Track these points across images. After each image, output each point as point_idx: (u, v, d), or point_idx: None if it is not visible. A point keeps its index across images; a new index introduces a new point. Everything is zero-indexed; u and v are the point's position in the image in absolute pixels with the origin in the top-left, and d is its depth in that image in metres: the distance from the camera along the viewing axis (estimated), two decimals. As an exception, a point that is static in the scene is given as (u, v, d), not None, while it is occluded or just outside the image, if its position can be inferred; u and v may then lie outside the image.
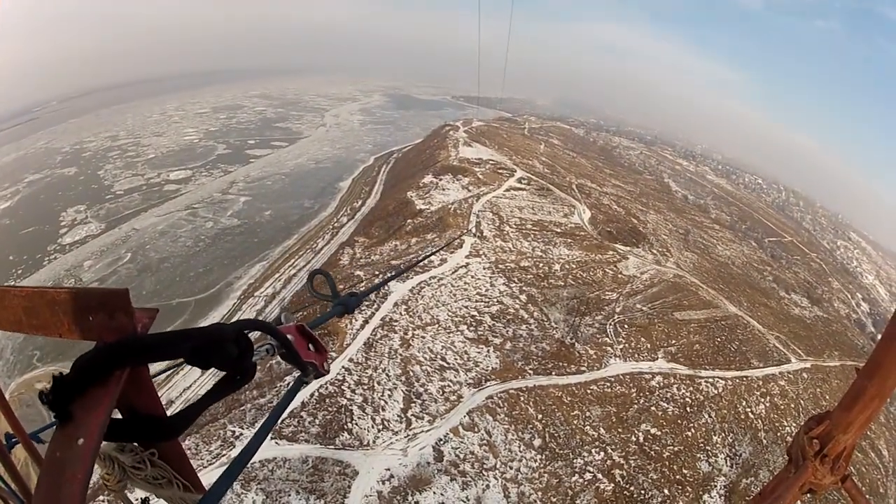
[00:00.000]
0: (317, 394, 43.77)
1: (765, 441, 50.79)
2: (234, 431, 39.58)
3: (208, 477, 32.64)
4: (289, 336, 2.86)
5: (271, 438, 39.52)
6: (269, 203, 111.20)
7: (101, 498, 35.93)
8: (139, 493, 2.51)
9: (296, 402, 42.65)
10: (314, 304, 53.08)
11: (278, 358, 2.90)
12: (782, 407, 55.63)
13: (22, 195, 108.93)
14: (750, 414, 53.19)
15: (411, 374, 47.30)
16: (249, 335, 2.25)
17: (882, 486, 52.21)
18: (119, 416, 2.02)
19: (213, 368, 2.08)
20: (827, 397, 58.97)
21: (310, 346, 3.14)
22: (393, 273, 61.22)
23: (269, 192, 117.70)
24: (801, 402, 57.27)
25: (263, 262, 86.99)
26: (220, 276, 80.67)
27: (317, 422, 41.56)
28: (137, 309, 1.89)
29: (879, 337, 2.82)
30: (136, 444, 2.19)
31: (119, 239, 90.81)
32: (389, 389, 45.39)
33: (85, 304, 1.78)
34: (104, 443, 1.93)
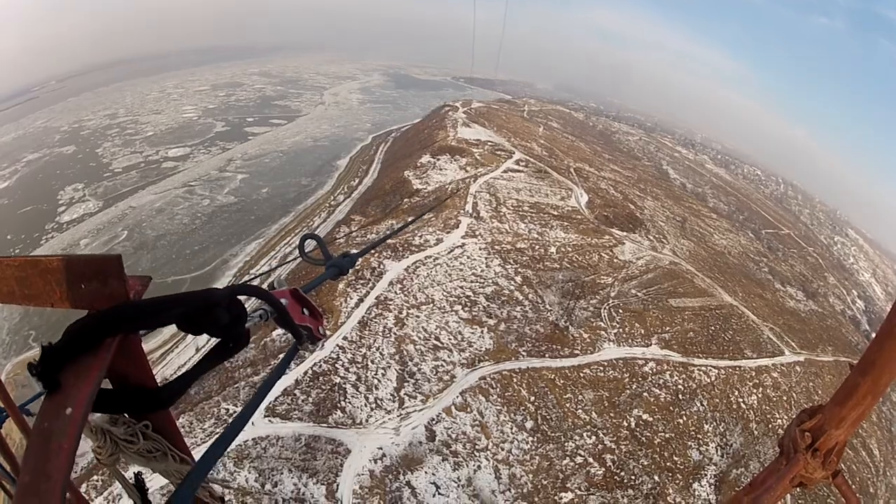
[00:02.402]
0: (310, 371, 43.72)
1: (756, 432, 50.90)
2: (227, 409, 39.46)
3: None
4: (283, 301, 2.77)
5: (264, 416, 39.58)
6: (267, 181, 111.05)
7: (94, 477, 35.82)
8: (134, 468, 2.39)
9: (289, 380, 42.68)
10: (310, 274, 52.64)
11: (273, 323, 2.77)
12: (774, 399, 55.71)
13: (20, 174, 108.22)
14: (742, 404, 53.25)
15: (405, 353, 47.19)
16: (243, 301, 2.16)
17: (872, 486, 52.40)
18: (111, 387, 1.95)
19: (206, 337, 2.00)
20: (819, 392, 59.02)
21: (304, 310, 3.05)
22: (389, 233, 59.91)
23: (267, 170, 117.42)
24: (794, 395, 57.33)
25: (259, 239, 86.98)
26: (216, 254, 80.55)
27: (310, 400, 41.49)
28: (130, 276, 1.84)
29: (874, 335, 2.78)
30: (128, 416, 2.11)
31: (116, 217, 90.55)
32: (383, 368, 45.32)
33: (77, 272, 1.73)
34: (97, 415, 1.99)
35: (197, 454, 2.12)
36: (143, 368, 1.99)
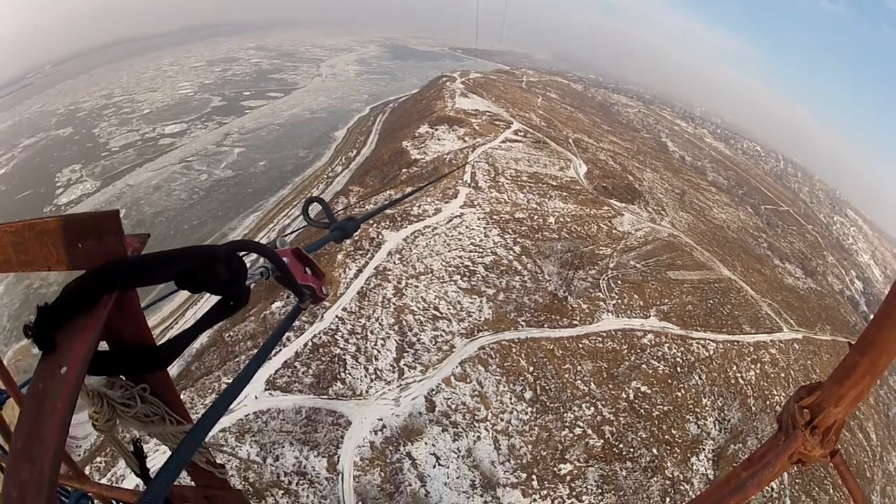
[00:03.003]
0: (310, 343, 43.54)
1: (754, 408, 51.02)
2: (228, 384, 39.21)
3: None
4: (284, 259, 2.79)
5: (265, 389, 39.41)
6: (264, 154, 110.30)
7: (98, 459, 35.60)
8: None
9: (289, 352, 42.48)
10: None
11: (275, 286, 2.93)
12: (772, 375, 55.75)
13: (17, 160, 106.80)
14: (740, 379, 53.31)
15: (404, 323, 46.97)
16: (243, 258, 2.13)
17: (869, 471, 52.57)
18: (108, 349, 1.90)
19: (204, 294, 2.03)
20: (817, 370, 59.08)
21: (306, 269, 3.10)
22: (395, 198, 60.34)
23: (264, 143, 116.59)
24: (792, 372, 57.41)
25: (258, 212, 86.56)
26: (215, 228, 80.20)
27: (310, 372, 41.34)
28: (128, 235, 1.84)
29: (873, 316, 2.55)
30: (125, 379, 2.05)
31: (114, 196, 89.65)
32: (382, 339, 45.14)
33: (74, 231, 1.72)
34: (93, 378, 1.96)
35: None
36: (141, 327, 1.92)
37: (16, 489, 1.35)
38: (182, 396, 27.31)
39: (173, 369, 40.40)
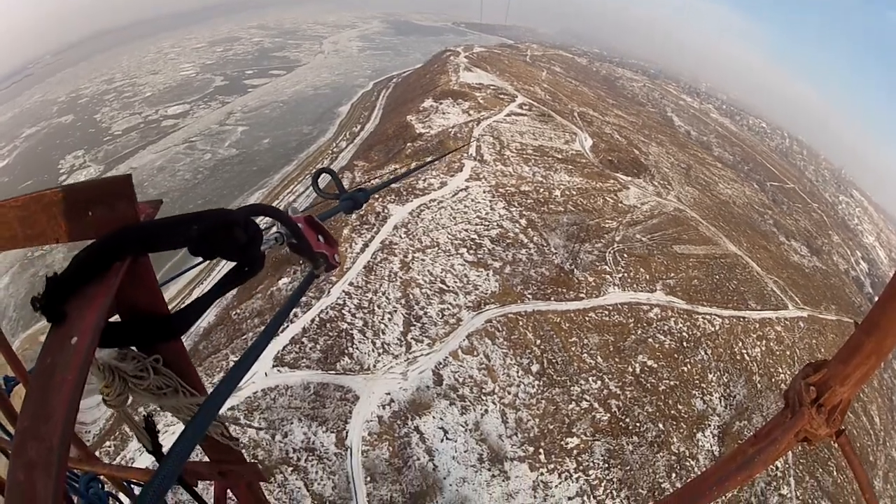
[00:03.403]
0: (317, 319, 43.49)
1: (759, 385, 50.95)
2: (244, 352, 39.19)
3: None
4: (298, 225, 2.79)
5: (273, 366, 39.45)
6: (268, 131, 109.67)
7: (107, 443, 35.55)
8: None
9: (297, 328, 42.50)
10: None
11: (288, 254, 2.96)
12: (778, 353, 55.63)
13: (19, 150, 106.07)
14: (746, 356, 53.20)
15: (411, 297, 46.88)
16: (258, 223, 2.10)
17: (872, 455, 52.55)
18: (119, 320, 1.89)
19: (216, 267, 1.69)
20: (822, 350, 58.93)
21: (319, 237, 3.08)
22: (401, 174, 60.06)
23: (268, 121, 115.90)
24: (797, 350, 57.23)
25: (263, 189, 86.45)
26: (220, 207, 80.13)
27: (318, 347, 41.32)
28: (141, 202, 1.82)
29: (878, 297, 2.64)
30: (137, 350, 2.01)
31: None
32: (389, 313, 45.07)
33: (83, 199, 1.69)
34: (105, 351, 1.92)
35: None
36: (155, 295, 1.89)
37: (22, 470, 1.28)
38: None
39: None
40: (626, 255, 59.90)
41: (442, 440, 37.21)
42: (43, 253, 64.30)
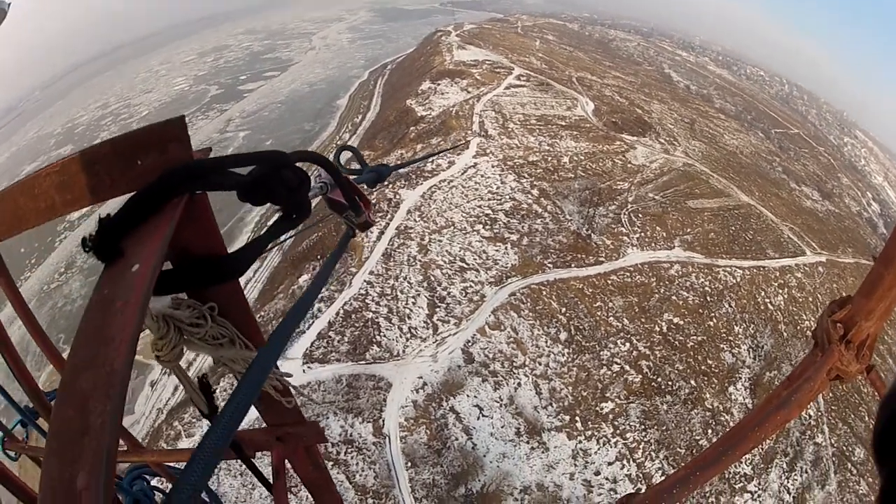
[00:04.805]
0: (342, 311, 43.42)
1: (785, 334, 50.93)
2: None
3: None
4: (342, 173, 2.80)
5: (303, 363, 39.27)
6: (269, 133, 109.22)
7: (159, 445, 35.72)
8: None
9: (322, 323, 42.51)
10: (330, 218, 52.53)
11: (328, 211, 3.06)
12: (800, 300, 55.65)
13: None
14: (769, 305, 53.19)
15: (432, 278, 46.82)
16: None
17: None
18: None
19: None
20: (843, 293, 57.86)
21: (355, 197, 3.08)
22: (421, 157, 62.29)
23: (268, 123, 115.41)
24: (819, 296, 57.21)
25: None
26: (230, 214, 79.31)
27: (345, 339, 41.28)
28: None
29: (893, 230, 2.66)
30: (193, 300, 1.99)
31: (124, 199, 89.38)
32: (413, 297, 44.99)
33: (132, 148, 1.62)
34: (158, 302, 1.85)
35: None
36: (212, 233, 1.86)
37: (72, 404, 1.16)
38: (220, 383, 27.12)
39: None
40: (640, 215, 59.73)
41: (478, 418, 37.26)
42: (59, 284, 64.51)
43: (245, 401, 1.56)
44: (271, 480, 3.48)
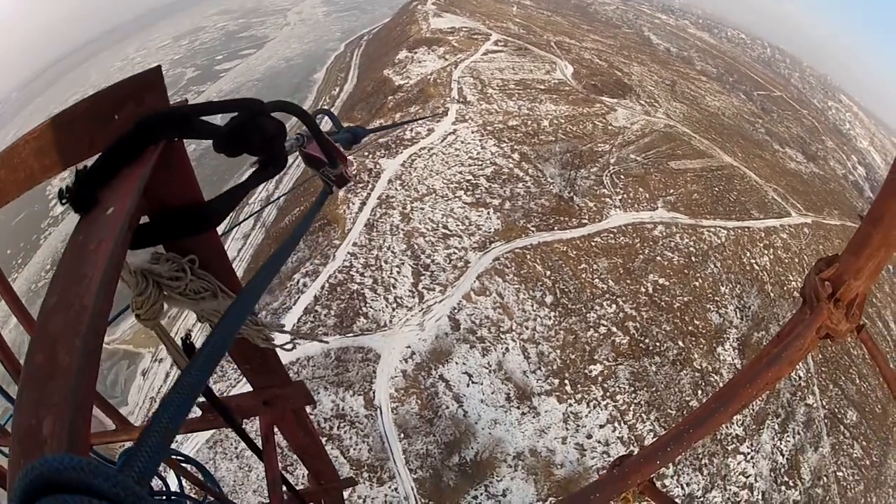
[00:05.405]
0: (327, 285, 43.18)
1: (772, 294, 51.29)
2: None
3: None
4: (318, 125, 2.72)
5: (290, 340, 38.67)
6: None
7: None
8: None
9: (308, 297, 42.31)
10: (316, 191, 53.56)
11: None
12: (786, 261, 56.02)
13: None
14: (755, 265, 53.54)
15: (416, 247, 46.57)
16: None
17: (892, 363, 52.38)
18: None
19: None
20: (830, 255, 58.68)
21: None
22: (399, 122, 62.57)
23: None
24: (805, 257, 57.62)
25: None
26: (211, 194, 78.97)
27: (332, 313, 41.05)
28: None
29: (881, 189, 2.65)
30: (172, 254, 1.92)
31: None
32: (397, 266, 44.78)
33: (108, 103, 1.59)
34: (136, 257, 1.79)
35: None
36: (189, 181, 1.79)
37: (42, 350, 1.09)
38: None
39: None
40: (622, 177, 59.66)
41: (468, 385, 37.23)
42: (47, 282, 63.86)
43: (218, 347, 1.37)
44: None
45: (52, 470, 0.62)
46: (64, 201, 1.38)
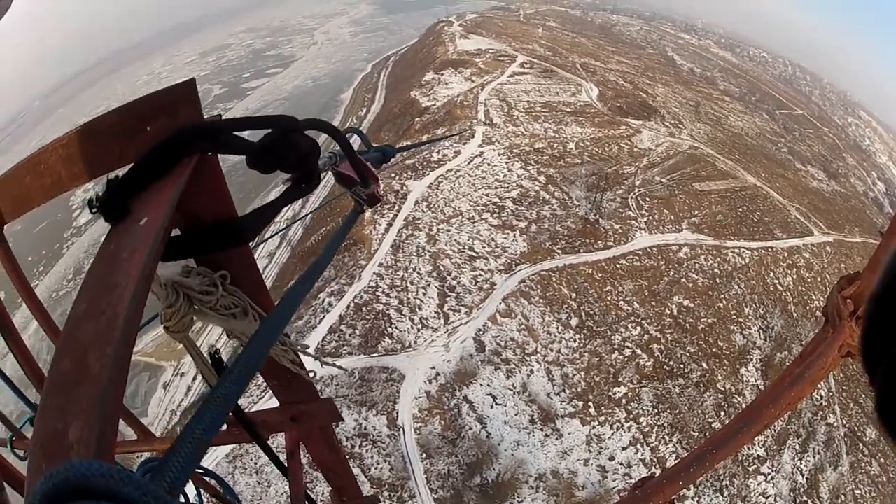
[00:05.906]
0: (352, 304, 43.56)
1: (795, 314, 51.05)
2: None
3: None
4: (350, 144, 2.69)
5: (315, 359, 39.14)
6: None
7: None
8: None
9: (333, 317, 42.60)
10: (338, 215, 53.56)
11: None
12: (809, 280, 55.73)
13: None
14: (778, 286, 53.29)
15: (442, 268, 47.02)
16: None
17: None
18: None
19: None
20: (851, 273, 58.51)
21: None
22: (427, 140, 61.79)
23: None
24: (827, 276, 57.15)
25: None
26: (238, 211, 79.71)
27: (357, 332, 41.45)
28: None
29: None
30: (204, 268, 1.92)
31: None
32: (423, 287, 45.18)
33: (142, 113, 1.59)
34: (167, 269, 1.79)
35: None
36: (222, 195, 1.79)
37: (70, 357, 1.08)
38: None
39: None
40: (648, 199, 59.73)
41: (492, 406, 37.55)
42: (68, 291, 64.44)
43: (247, 370, 1.42)
44: (286, 465, 3.48)
45: (79, 475, 0.62)
46: (94, 210, 1.43)
